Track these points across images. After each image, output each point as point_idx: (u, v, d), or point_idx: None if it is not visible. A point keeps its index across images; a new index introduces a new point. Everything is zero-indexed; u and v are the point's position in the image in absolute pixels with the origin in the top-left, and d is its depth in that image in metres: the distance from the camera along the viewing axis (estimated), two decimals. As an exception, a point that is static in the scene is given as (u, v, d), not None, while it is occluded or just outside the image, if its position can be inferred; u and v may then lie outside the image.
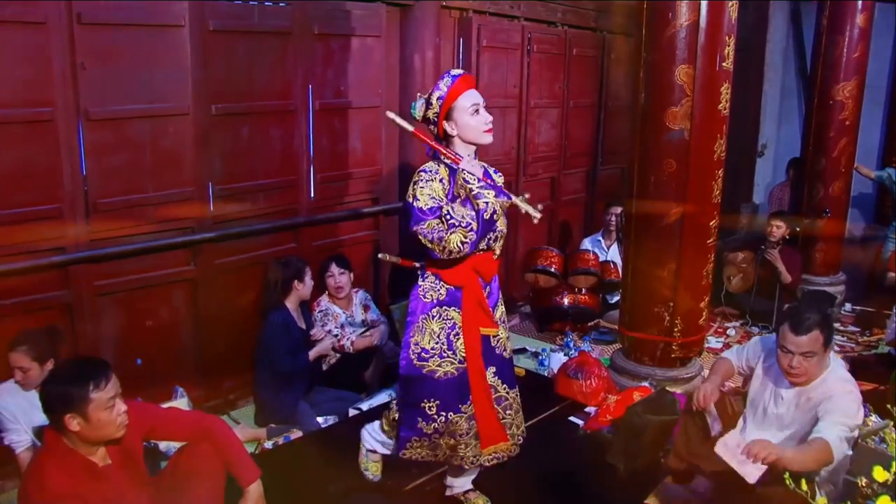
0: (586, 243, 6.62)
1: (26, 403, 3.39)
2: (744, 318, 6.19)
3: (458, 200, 2.94)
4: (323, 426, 4.37)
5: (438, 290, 3.03)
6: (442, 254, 2.85)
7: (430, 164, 2.98)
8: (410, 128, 3.05)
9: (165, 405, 3.38)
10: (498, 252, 3.10)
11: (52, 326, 3.61)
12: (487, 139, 2.99)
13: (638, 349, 4.70)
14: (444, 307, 3.01)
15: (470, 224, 2.83)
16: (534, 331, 6.20)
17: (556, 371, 4.91)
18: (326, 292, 4.90)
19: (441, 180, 2.93)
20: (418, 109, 3.02)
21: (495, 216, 2.91)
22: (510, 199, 2.93)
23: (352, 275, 4.90)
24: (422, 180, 2.91)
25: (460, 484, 3.42)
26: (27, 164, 3.66)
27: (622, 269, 5.12)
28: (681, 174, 4.30)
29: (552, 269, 5.99)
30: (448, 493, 3.46)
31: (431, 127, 3.02)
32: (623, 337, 4.87)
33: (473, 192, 2.88)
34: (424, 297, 3.03)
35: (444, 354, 3.01)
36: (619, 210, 6.34)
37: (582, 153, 7.40)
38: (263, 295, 4.57)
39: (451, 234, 2.81)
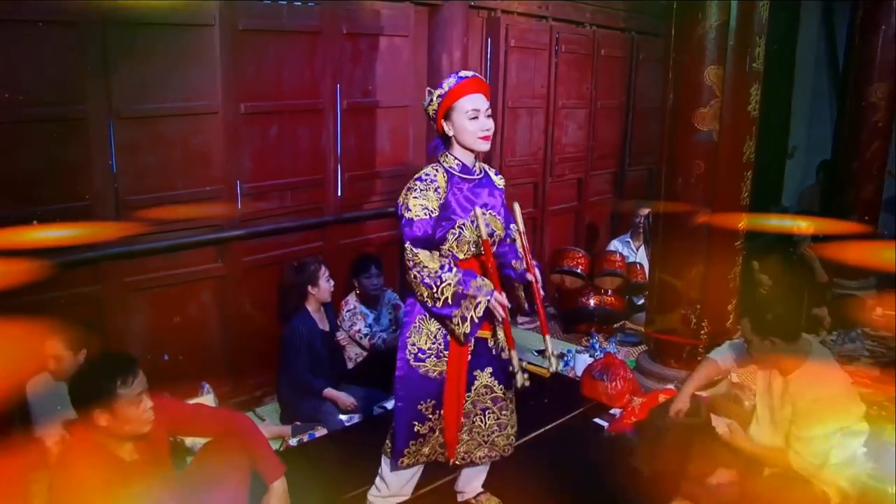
0: (615, 244, 6.57)
1: (56, 397, 3.43)
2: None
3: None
4: (347, 424, 4.39)
5: None
6: (409, 278, 2.84)
7: (429, 170, 2.91)
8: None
9: (192, 401, 3.40)
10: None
11: (85, 319, 3.65)
12: (481, 146, 2.92)
13: (664, 351, 4.68)
14: None
15: (447, 301, 2.80)
16: (559, 332, 6.16)
17: (581, 372, 4.90)
18: (354, 292, 4.92)
19: (437, 189, 2.86)
20: (426, 101, 2.98)
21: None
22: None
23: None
24: (416, 189, 2.84)
25: (472, 489, 3.41)
26: (58, 162, 3.71)
27: (649, 270, 5.10)
28: (709, 176, 4.28)
29: (578, 270, 5.97)
30: (460, 498, 3.45)
31: (433, 123, 2.99)
32: (649, 339, 4.86)
33: (478, 301, 2.80)
34: None
35: (441, 355, 2.96)
36: (646, 211, 6.31)
37: (609, 154, 7.37)
38: (280, 300, 4.60)
39: (427, 287, 2.79)
